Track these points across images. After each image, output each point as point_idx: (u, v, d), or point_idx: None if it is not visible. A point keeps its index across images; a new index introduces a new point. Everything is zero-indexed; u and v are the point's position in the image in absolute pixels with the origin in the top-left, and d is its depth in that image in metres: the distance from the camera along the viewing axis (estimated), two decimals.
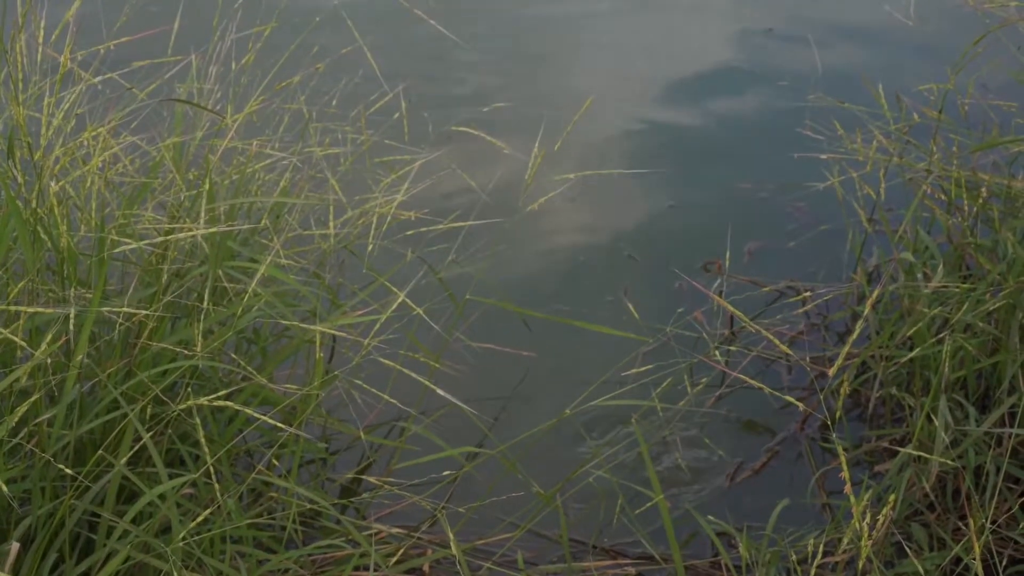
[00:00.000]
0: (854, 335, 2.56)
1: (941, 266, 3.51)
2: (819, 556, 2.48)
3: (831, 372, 2.45)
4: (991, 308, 3.40)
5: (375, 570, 3.23)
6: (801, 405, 2.82)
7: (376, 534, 3.39)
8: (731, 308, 2.88)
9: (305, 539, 3.22)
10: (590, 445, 3.78)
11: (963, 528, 3.22)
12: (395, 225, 3.70)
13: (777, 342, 2.69)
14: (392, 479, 3.55)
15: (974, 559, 2.95)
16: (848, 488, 2.41)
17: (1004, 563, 3.04)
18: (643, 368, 3.96)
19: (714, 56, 5.71)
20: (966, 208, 3.74)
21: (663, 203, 4.85)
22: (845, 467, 2.28)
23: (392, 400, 3.28)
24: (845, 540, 2.39)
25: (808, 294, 4.20)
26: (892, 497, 2.41)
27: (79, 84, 3.02)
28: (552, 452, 3.80)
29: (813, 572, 2.52)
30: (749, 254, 4.56)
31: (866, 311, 2.55)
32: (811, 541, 2.80)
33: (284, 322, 3.03)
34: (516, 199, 4.45)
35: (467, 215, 4.08)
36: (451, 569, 3.37)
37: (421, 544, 3.40)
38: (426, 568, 3.31)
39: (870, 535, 3.22)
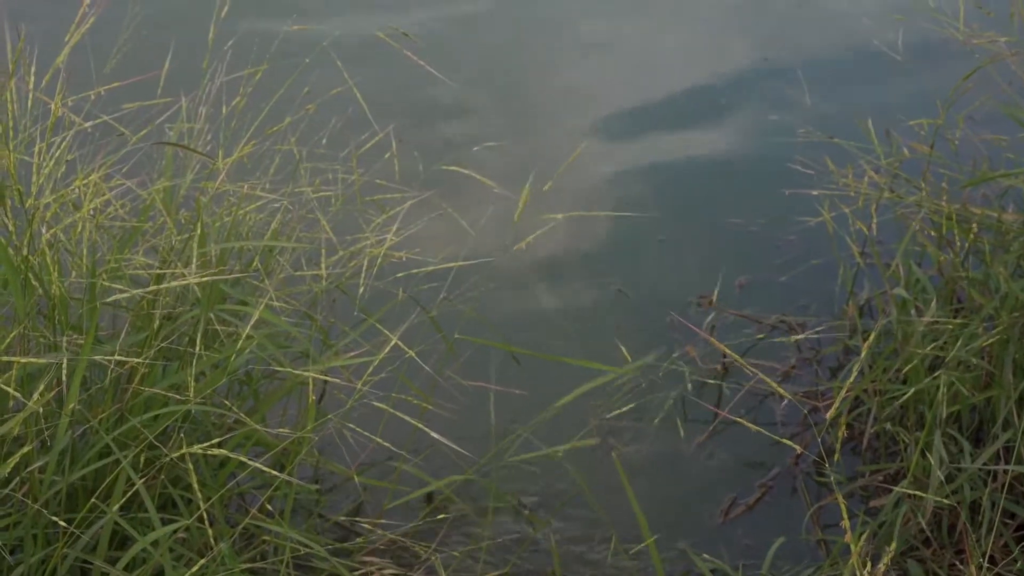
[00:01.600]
0: (852, 377, 2.56)
1: (935, 302, 3.52)
2: None
3: (829, 415, 2.45)
4: (985, 343, 3.40)
5: None
6: (795, 446, 2.82)
7: (369, 574, 3.37)
8: (720, 346, 2.89)
9: None
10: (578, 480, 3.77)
11: (958, 565, 3.21)
12: (387, 266, 3.70)
13: (769, 380, 2.69)
14: (384, 520, 3.54)
15: None
16: (846, 524, 2.40)
17: None
18: (626, 408, 3.98)
19: (703, 89, 5.71)
20: (957, 242, 3.74)
21: (653, 239, 4.85)
22: (842, 504, 2.28)
23: (384, 443, 3.28)
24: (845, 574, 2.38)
25: (801, 335, 4.20)
26: (893, 543, 2.40)
27: (70, 129, 3.02)
28: (544, 486, 3.80)
29: None
30: (740, 288, 4.57)
31: (863, 353, 2.55)
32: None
33: (277, 368, 3.02)
34: (507, 238, 4.45)
35: (458, 254, 4.07)
36: None
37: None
38: None
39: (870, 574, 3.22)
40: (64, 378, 2.78)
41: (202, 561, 2.62)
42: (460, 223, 4.05)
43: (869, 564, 2.57)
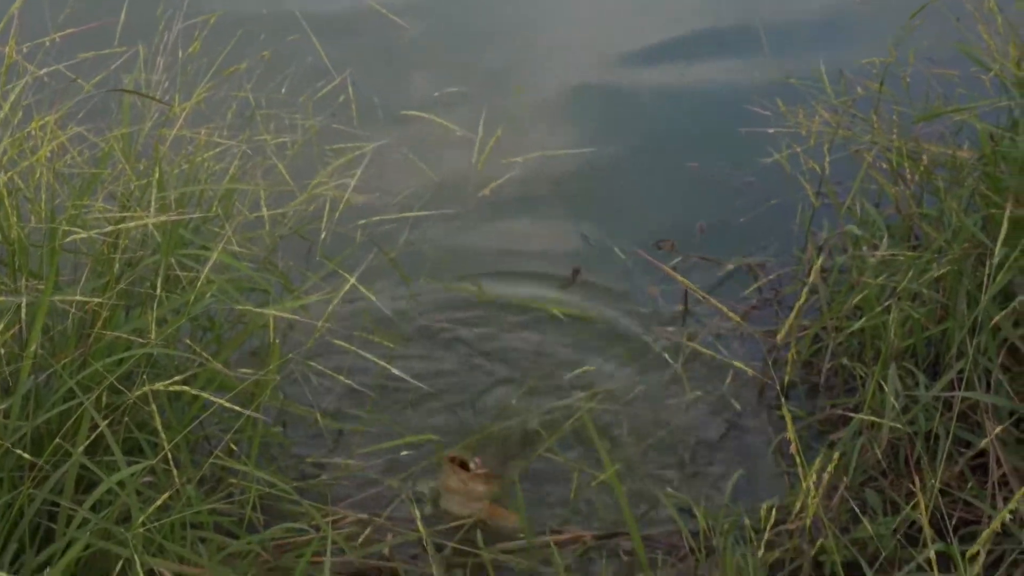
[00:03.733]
0: (801, 300, 2.60)
1: (886, 236, 3.56)
2: (771, 521, 2.51)
3: (779, 337, 2.49)
4: (936, 275, 3.44)
5: (337, 554, 3.24)
6: (751, 371, 2.85)
7: (338, 519, 3.39)
8: (686, 283, 2.92)
9: (266, 524, 3.22)
10: (545, 424, 3.81)
11: (916, 492, 3.26)
12: (348, 211, 3.71)
13: (730, 314, 2.73)
14: (354, 462, 3.56)
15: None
16: (794, 447, 2.43)
17: (954, 523, 3.08)
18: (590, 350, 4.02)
19: (662, 32, 5.74)
20: (908, 177, 3.78)
21: (614, 183, 4.88)
22: (792, 432, 2.32)
23: (347, 380, 3.30)
24: (798, 503, 2.42)
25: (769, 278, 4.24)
26: (837, 456, 2.44)
27: (24, 76, 3.02)
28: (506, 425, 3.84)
29: (767, 537, 2.54)
30: (701, 231, 4.60)
31: (811, 279, 2.59)
32: (764, 506, 2.84)
33: (237, 306, 3.04)
34: (468, 180, 4.47)
35: (419, 197, 4.10)
36: (411, 552, 3.38)
37: (383, 528, 3.41)
38: (387, 551, 3.32)
39: (824, 498, 3.28)
40: (24, 320, 2.79)
41: (164, 496, 2.64)
42: (421, 167, 4.06)
43: (823, 484, 2.61)
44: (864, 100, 4.01)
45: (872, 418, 3.16)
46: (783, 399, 2.83)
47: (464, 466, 3.43)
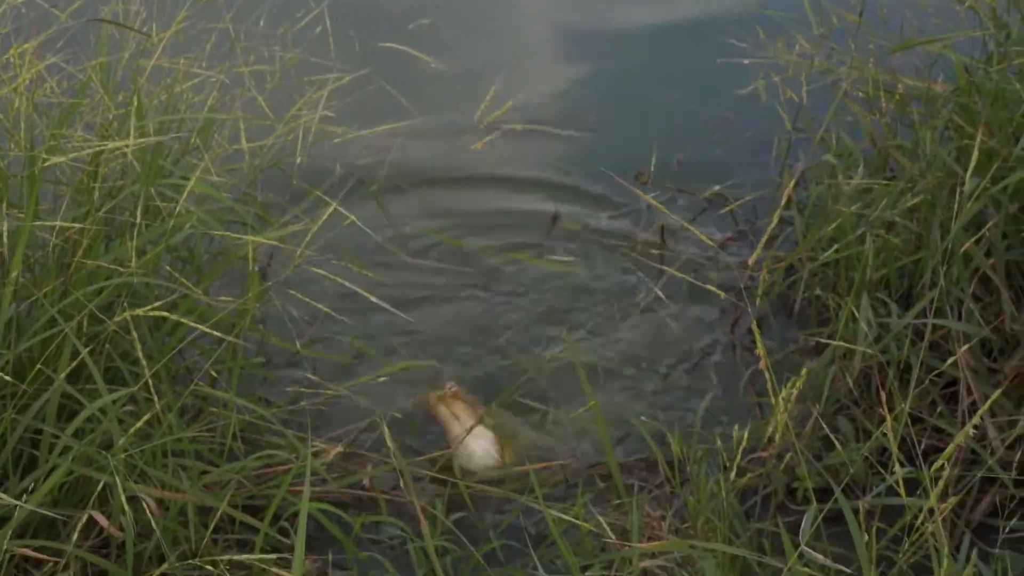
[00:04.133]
0: (772, 222, 2.63)
1: (862, 166, 3.59)
2: (743, 446, 2.56)
3: (750, 261, 2.52)
4: (910, 205, 3.48)
5: (318, 484, 3.27)
6: (722, 294, 2.89)
7: (319, 451, 3.42)
8: (662, 208, 2.94)
9: (248, 455, 3.25)
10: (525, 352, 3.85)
11: (886, 418, 3.30)
12: (326, 144, 3.73)
13: (707, 239, 2.76)
14: (334, 392, 3.57)
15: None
16: (763, 362, 2.45)
17: (923, 448, 3.13)
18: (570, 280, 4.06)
19: None
20: (883, 107, 3.81)
21: (592, 117, 4.90)
22: (763, 351, 2.35)
23: (327, 309, 3.32)
24: (769, 429, 2.47)
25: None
26: (805, 372, 2.48)
27: (1, 5, 3.02)
28: (487, 360, 3.87)
29: (738, 460, 2.59)
30: (678, 163, 4.62)
31: (781, 204, 2.62)
32: (735, 431, 2.89)
33: (216, 233, 3.06)
34: (449, 113, 4.49)
35: (397, 131, 4.11)
36: (390, 482, 3.40)
37: (364, 459, 3.44)
38: (366, 482, 3.35)
39: (797, 426, 3.33)
40: (6, 246, 2.81)
41: (145, 418, 2.67)
42: (400, 100, 4.08)
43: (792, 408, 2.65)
44: (841, 31, 4.03)
45: (844, 345, 3.20)
46: (754, 323, 2.86)
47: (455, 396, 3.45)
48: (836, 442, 3.09)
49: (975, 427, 3.31)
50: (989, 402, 2.34)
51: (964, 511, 3.25)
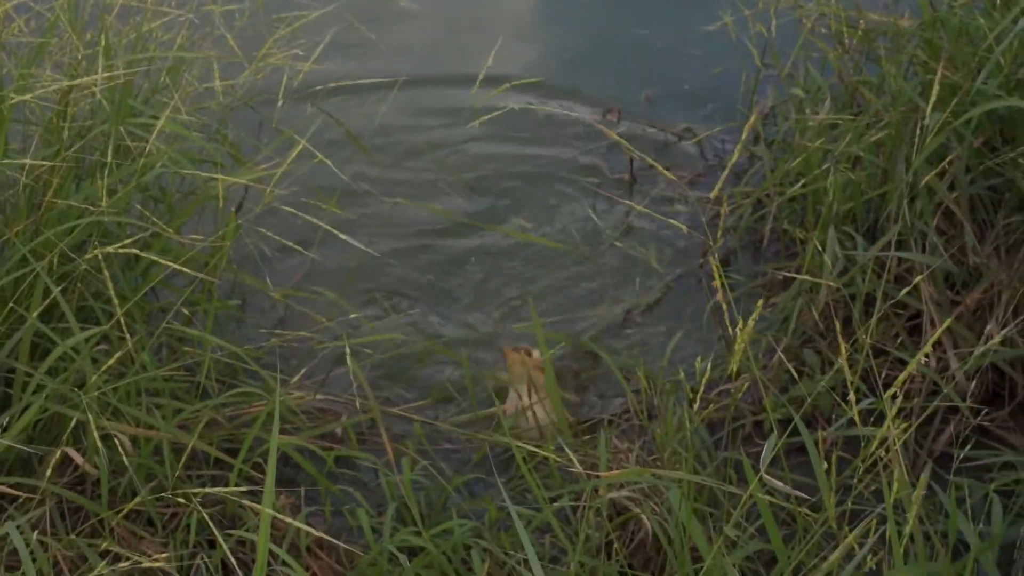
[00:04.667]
0: (734, 157, 2.66)
1: (829, 100, 3.62)
2: (706, 378, 2.60)
3: (712, 195, 2.55)
4: (875, 139, 3.51)
5: (292, 433, 3.29)
6: (685, 228, 2.92)
7: (296, 396, 3.43)
8: (629, 147, 2.97)
9: (221, 394, 3.28)
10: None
11: (846, 351, 3.34)
12: (300, 84, 3.73)
13: (670, 175, 2.79)
14: (307, 334, 3.59)
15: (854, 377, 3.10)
16: (720, 294, 2.48)
17: (884, 379, 3.18)
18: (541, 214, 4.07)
19: None
20: (846, 43, 3.84)
21: (564, 56, 4.91)
22: (720, 284, 2.38)
23: (299, 248, 3.34)
24: (733, 362, 2.50)
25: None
26: (760, 303, 2.52)
27: None
28: (461, 294, 3.90)
29: (707, 396, 2.63)
30: (647, 99, 4.65)
31: (743, 137, 2.66)
32: (698, 361, 2.94)
33: (186, 172, 3.08)
34: (421, 52, 4.48)
35: (366, 69, 4.12)
36: (364, 424, 3.43)
37: (338, 402, 3.46)
38: (339, 432, 3.38)
39: (764, 358, 3.38)
40: None
41: (118, 355, 2.70)
42: (370, 37, 4.08)
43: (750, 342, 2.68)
44: None
45: (810, 279, 3.24)
46: (714, 258, 2.90)
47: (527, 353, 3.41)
48: (795, 374, 3.13)
49: (939, 359, 3.39)
50: (940, 331, 2.38)
51: (927, 441, 3.31)
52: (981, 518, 2.82)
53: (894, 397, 2.27)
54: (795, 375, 3.18)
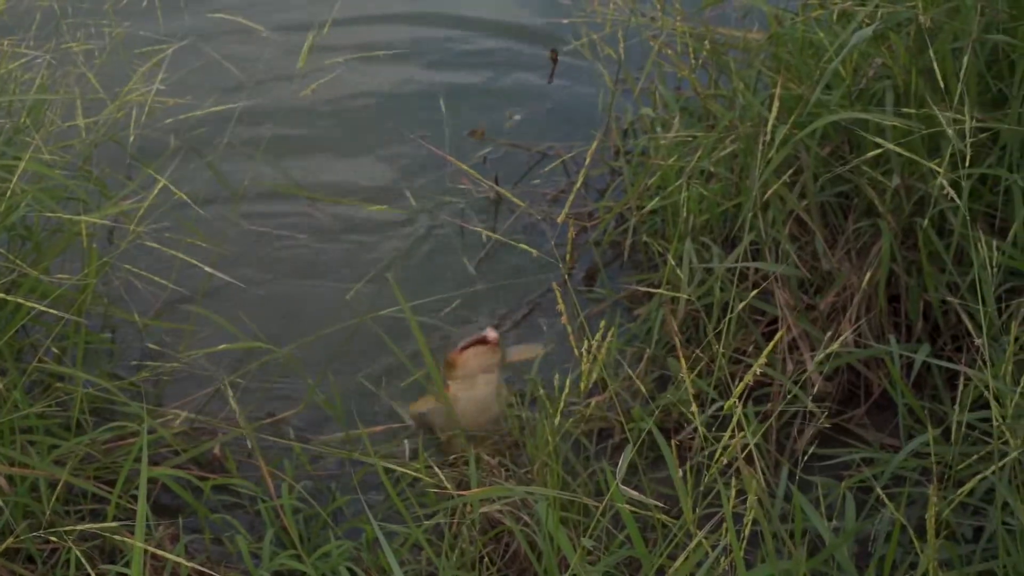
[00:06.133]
0: (578, 183, 2.74)
1: (678, 117, 3.73)
2: (566, 392, 2.68)
3: (559, 219, 2.63)
4: (727, 153, 3.62)
5: (170, 456, 3.31)
6: (535, 252, 3.00)
7: (168, 419, 3.46)
8: (477, 175, 3.03)
9: (97, 426, 3.29)
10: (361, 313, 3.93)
11: (704, 359, 3.44)
12: (163, 115, 3.76)
13: (520, 203, 2.88)
14: (181, 362, 3.62)
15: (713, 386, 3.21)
16: (564, 318, 2.55)
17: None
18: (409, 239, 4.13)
19: None
20: (692, 60, 3.95)
21: (430, 76, 4.98)
22: (562, 307, 2.47)
23: (165, 282, 3.37)
24: (584, 378, 2.56)
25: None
26: (603, 324, 2.61)
27: None
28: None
29: (561, 406, 2.71)
30: (511, 119, 4.73)
31: (586, 162, 2.75)
32: (556, 376, 3.02)
33: (50, 215, 3.10)
34: (283, 80, 4.52)
35: (228, 100, 4.15)
36: (242, 450, 3.46)
37: (214, 426, 3.49)
38: (217, 450, 3.41)
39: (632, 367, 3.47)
40: None
41: None
42: (228, 68, 4.11)
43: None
44: None
45: (666, 292, 3.34)
46: (566, 277, 2.99)
47: (482, 341, 3.39)
48: (636, 387, 3.21)
49: (797, 362, 3.51)
50: (776, 338, 2.48)
51: (789, 442, 3.43)
52: (835, 514, 2.94)
53: (739, 402, 2.37)
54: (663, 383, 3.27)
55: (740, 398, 2.35)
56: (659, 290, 3.24)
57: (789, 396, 3.35)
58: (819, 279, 3.60)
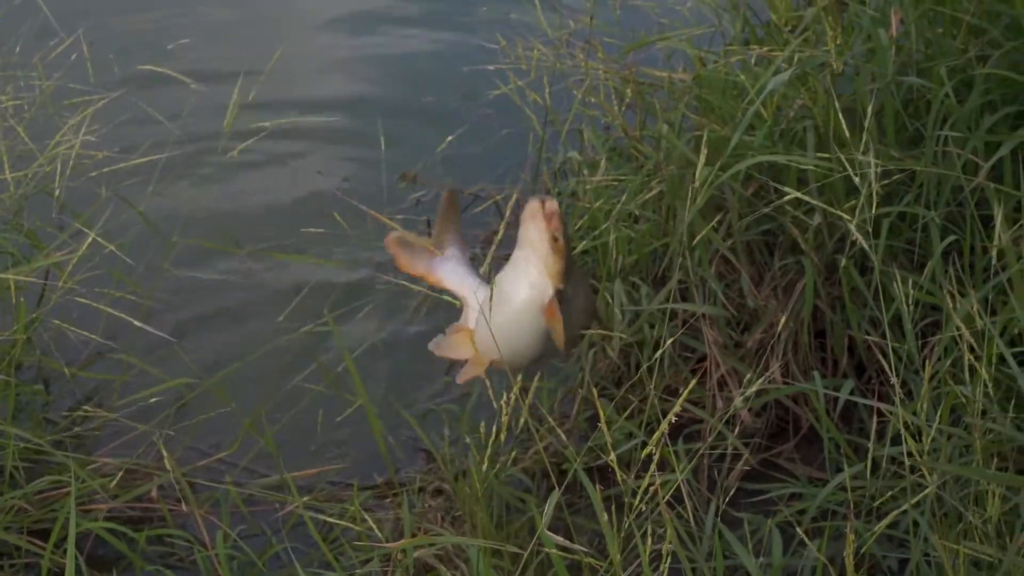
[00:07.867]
0: (500, 233, 2.77)
1: (604, 160, 3.79)
2: (493, 436, 2.72)
3: (488, 255, 2.66)
4: (652, 195, 3.68)
5: (104, 502, 3.32)
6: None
7: (101, 467, 3.47)
8: (393, 224, 3.07)
9: (32, 478, 3.29)
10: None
11: (636, 400, 3.49)
12: (93, 167, 3.77)
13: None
14: (113, 413, 3.62)
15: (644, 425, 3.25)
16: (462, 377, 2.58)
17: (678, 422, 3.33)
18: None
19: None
20: (615, 105, 4.02)
21: (363, 127, 5.02)
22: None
23: (95, 337, 3.38)
24: (502, 423, 2.60)
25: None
26: (518, 378, 2.65)
27: None
28: (265, 375, 3.96)
29: (489, 451, 2.74)
30: (443, 162, 4.77)
31: (507, 215, 2.79)
32: (482, 425, 3.06)
33: None
34: (208, 134, 4.53)
35: (160, 151, 4.16)
36: (177, 495, 3.46)
37: (148, 472, 3.49)
38: (154, 493, 3.41)
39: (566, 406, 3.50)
40: None
41: None
42: (159, 120, 4.13)
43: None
44: (578, 33, 4.22)
45: (596, 331, 3.38)
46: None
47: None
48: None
49: (727, 399, 3.56)
50: (695, 381, 2.53)
51: (720, 478, 3.47)
52: (762, 551, 2.99)
53: (666, 441, 2.42)
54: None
55: (666, 437, 2.39)
56: (590, 330, 3.28)
57: (715, 434, 3.39)
58: (746, 316, 3.66)
